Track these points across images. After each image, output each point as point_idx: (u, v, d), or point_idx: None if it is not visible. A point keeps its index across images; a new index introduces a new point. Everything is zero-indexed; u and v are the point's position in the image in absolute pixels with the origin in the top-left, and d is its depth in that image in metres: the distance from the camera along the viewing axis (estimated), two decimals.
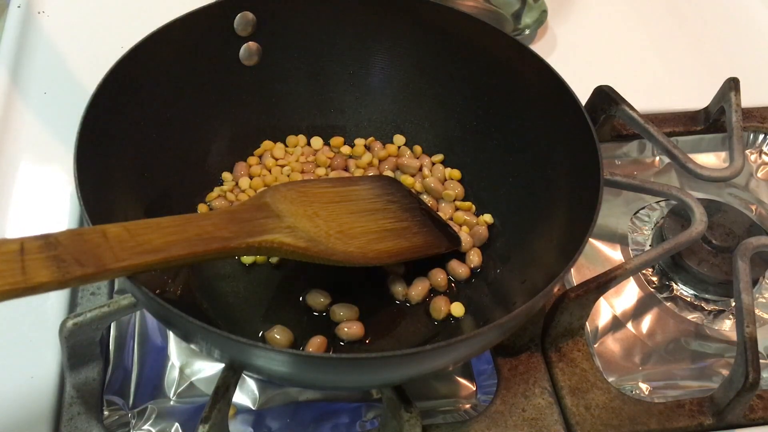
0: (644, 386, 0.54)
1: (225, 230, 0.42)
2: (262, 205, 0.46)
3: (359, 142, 0.61)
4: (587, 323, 0.55)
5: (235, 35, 0.56)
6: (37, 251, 0.35)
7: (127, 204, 0.49)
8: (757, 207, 0.66)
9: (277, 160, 0.59)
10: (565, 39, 0.78)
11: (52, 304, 0.53)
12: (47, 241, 0.36)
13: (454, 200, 0.58)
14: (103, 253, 0.37)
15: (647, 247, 0.62)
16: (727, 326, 0.58)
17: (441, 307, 0.52)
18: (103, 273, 0.37)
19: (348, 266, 0.48)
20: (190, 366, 0.52)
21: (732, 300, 0.58)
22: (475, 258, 0.55)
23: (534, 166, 0.55)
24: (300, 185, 0.50)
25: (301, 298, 0.52)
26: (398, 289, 0.53)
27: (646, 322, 0.58)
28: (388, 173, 0.59)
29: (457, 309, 0.52)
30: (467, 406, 0.52)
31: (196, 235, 0.41)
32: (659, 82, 0.75)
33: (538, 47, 0.74)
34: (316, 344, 0.49)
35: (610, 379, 0.53)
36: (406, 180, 0.58)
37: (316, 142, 0.61)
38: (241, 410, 0.51)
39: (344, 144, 0.61)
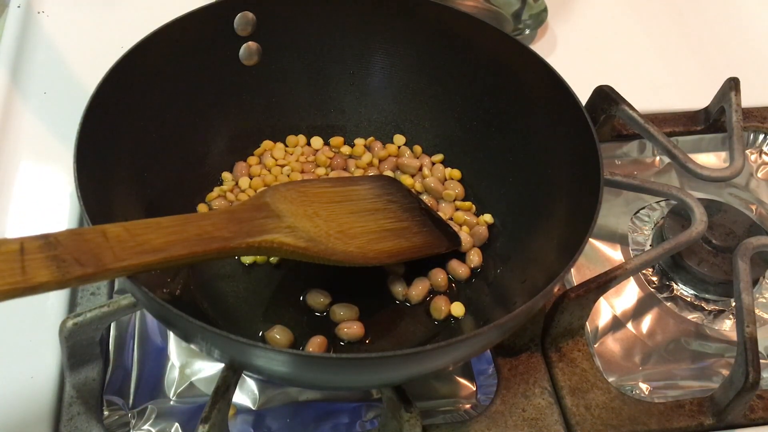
0: (644, 386, 0.54)
1: (225, 230, 0.42)
2: (262, 205, 0.46)
3: (359, 142, 0.61)
4: (587, 323, 0.55)
5: (235, 35, 0.56)
6: (37, 251, 0.35)
7: (127, 204, 0.49)
8: (757, 207, 0.66)
9: (276, 160, 0.59)
10: (565, 39, 0.78)
11: (52, 304, 0.53)
12: (47, 241, 0.36)
13: (454, 200, 0.58)
14: (103, 253, 0.37)
15: (647, 247, 0.62)
16: (727, 326, 0.58)
17: (441, 307, 0.52)
18: (104, 273, 0.37)
19: (348, 266, 0.48)
20: (190, 366, 0.52)
21: (732, 300, 0.58)
22: (475, 258, 0.55)
23: (534, 165, 0.55)
24: (300, 185, 0.50)
25: (301, 298, 0.52)
26: (398, 290, 0.53)
27: (646, 322, 0.58)
28: (388, 173, 0.59)
29: (457, 309, 0.52)
30: (467, 406, 0.52)
31: (195, 235, 0.41)
32: (659, 82, 0.75)
33: (538, 47, 0.74)
34: (316, 344, 0.49)
35: (610, 379, 0.53)
36: (406, 180, 0.58)
37: (316, 141, 0.61)
38: (241, 410, 0.51)
39: (344, 144, 0.61)
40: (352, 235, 0.49)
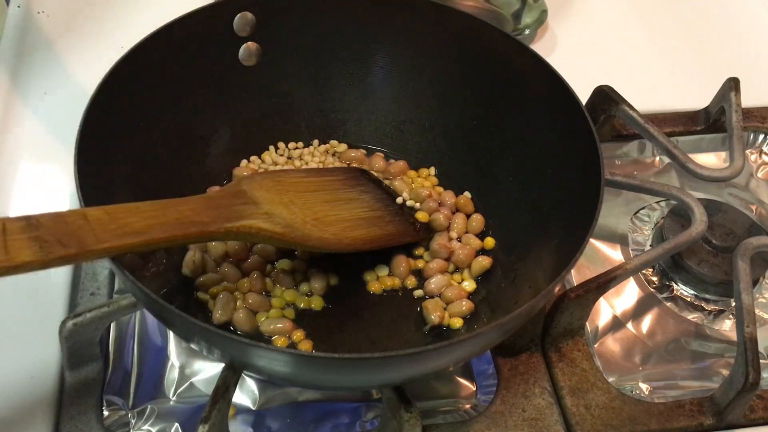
0: (644, 386, 0.54)
1: (203, 215, 0.43)
2: (239, 192, 0.47)
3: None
4: (587, 323, 0.55)
5: (235, 35, 0.56)
6: (18, 231, 0.36)
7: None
8: (757, 207, 0.66)
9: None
10: (565, 39, 0.78)
11: (53, 304, 0.53)
12: (29, 222, 0.36)
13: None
14: (85, 235, 0.37)
15: (647, 247, 0.62)
16: (727, 326, 0.58)
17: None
18: (85, 254, 0.37)
19: (324, 252, 0.50)
20: (190, 366, 0.52)
21: (732, 300, 0.58)
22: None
23: (534, 165, 0.55)
24: (275, 175, 0.51)
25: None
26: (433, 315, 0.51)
27: (646, 322, 0.58)
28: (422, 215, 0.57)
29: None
30: (467, 406, 0.52)
31: (175, 219, 0.42)
32: (659, 82, 0.75)
33: (538, 47, 0.74)
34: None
35: (610, 379, 0.53)
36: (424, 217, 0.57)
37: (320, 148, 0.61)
38: (241, 410, 0.51)
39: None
40: (327, 223, 0.50)
